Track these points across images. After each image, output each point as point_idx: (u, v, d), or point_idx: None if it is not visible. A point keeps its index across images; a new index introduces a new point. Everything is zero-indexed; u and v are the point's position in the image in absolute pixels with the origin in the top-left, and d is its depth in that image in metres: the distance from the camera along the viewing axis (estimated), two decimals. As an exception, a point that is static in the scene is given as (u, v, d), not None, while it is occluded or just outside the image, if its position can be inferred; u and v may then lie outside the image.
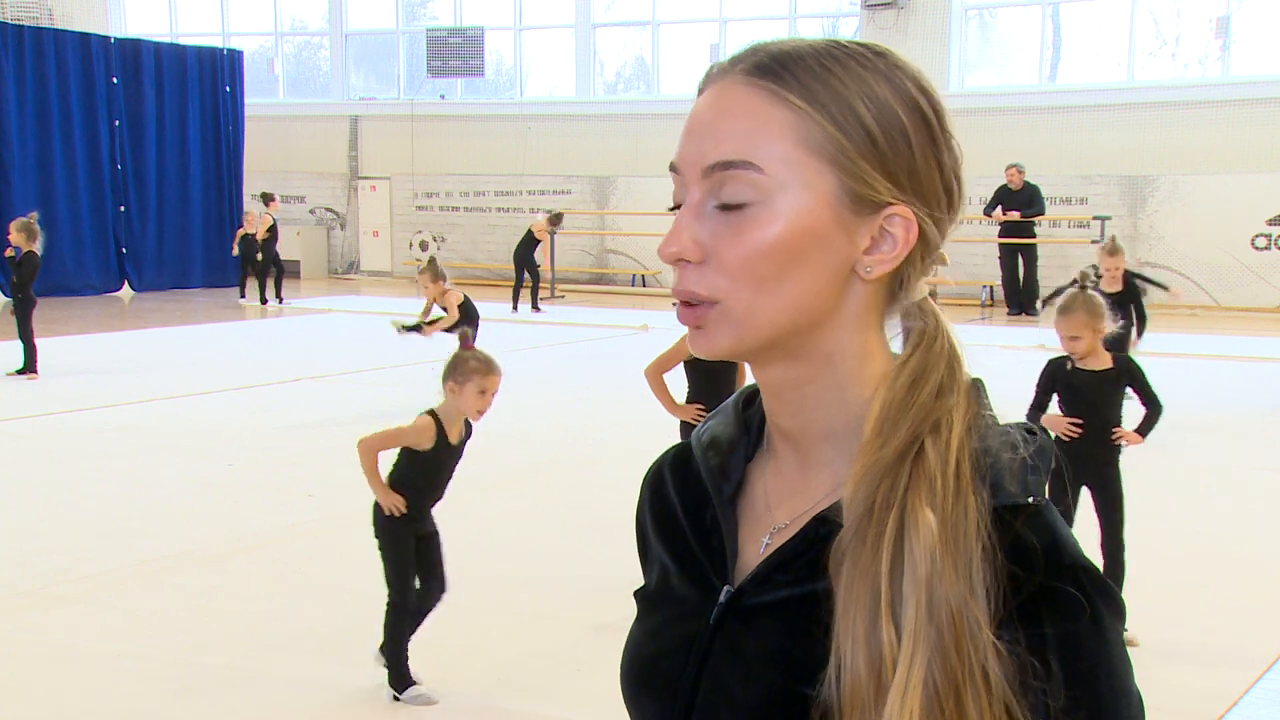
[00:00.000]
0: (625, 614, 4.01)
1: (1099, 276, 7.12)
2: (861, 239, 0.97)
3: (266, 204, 18.03)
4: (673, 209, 1.00)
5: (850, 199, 0.95)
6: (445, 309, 9.38)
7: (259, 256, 17.49)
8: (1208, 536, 6.38)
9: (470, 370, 4.22)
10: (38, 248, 10.99)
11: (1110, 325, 4.92)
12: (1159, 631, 4.72)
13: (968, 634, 0.87)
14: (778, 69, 0.96)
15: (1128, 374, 5.00)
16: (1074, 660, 0.90)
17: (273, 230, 17.63)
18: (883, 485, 0.92)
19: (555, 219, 17.79)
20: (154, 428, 9.00)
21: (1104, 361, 4.94)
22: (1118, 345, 5.54)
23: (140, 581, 5.55)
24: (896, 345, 1.02)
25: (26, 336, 10.97)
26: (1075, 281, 5.12)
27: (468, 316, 9.18)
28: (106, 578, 5.58)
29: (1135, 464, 8.22)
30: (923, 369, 0.97)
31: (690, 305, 0.97)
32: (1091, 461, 4.83)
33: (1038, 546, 0.91)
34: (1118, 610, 0.93)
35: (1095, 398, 4.94)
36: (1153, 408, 5.00)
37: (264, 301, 17.63)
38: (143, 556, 5.87)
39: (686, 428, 4.99)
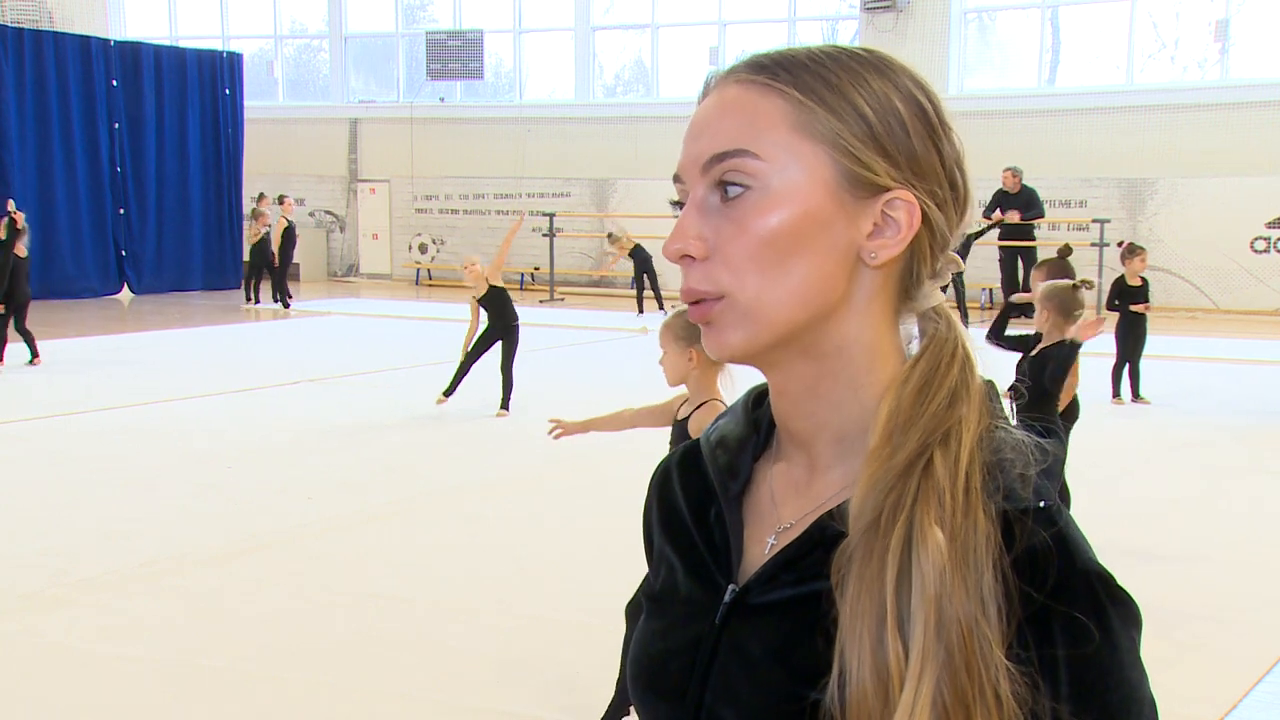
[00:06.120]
0: (623, 616, 3.95)
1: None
2: (864, 223, 0.96)
3: (279, 205, 18.12)
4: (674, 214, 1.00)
5: (849, 181, 0.95)
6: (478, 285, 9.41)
7: (265, 256, 17.76)
8: (1206, 538, 6.38)
9: None
10: (18, 248, 11.04)
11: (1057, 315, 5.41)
12: (1157, 634, 4.72)
13: (978, 653, 0.86)
14: (773, 66, 0.97)
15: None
16: (1083, 673, 0.89)
17: (286, 233, 17.78)
18: (890, 496, 0.90)
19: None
20: (154, 430, 9.00)
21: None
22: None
23: (140, 583, 5.55)
24: (910, 350, 1.01)
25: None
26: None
27: (495, 303, 9.30)
28: (106, 579, 5.58)
29: (1134, 466, 8.22)
30: (934, 373, 0.96)
31: (698, 303, 0.98)
32: None
33: (1049, 552, 0.89)
34: (1132, 618, 0.92)
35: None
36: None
37: (249, 299, 17.88)
38: (143, 558, 5.87)
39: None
